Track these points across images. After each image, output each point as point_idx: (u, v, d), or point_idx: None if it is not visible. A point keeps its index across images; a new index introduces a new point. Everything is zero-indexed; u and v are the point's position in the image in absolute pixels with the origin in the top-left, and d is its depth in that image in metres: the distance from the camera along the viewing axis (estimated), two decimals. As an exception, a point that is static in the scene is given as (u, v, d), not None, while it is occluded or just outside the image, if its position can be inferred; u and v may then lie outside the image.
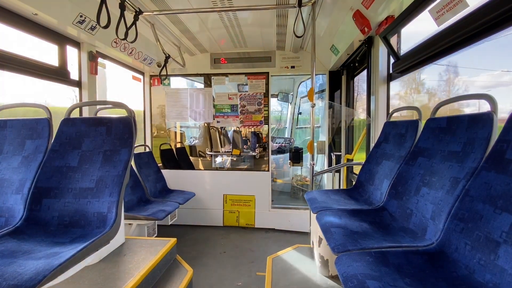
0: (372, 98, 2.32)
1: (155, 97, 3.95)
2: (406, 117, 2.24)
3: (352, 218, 1.43)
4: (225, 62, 3.77)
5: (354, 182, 2.07)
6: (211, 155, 4.45)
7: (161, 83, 3.88)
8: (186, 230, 3.55)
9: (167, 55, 3.25)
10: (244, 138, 4.43)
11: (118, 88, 3.53)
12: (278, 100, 5.86)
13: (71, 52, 2.49)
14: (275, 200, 4.19)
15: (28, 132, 1.68)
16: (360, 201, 1.80)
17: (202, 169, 4.48)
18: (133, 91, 3.79)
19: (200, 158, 4.64)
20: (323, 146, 3.68)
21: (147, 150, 3.58)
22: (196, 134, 4.87)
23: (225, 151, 4.47)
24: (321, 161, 4.21)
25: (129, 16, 2.13)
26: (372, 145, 2.28)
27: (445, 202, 1.10)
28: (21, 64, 1.99)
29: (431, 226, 1.13)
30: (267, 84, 3.70)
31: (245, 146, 4.38)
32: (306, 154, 4.77)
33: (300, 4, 2.13)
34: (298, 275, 1.79)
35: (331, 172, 3.57)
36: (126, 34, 2.05)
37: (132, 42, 2.31)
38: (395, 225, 1.34)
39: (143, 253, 1.67)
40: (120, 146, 1.59)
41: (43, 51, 2.27)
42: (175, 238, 1.93)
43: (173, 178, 3.68)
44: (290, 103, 6.03)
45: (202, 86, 3.93)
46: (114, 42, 2.67)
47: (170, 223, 2.94)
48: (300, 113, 5.97)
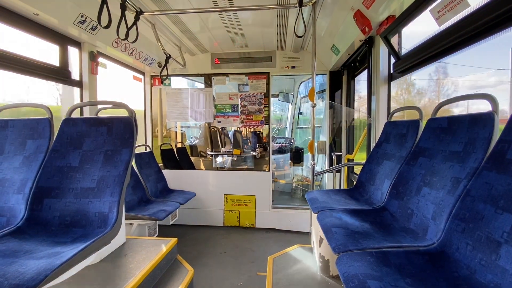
0: (373, 98, 2.32)
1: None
2: (406, 117, 2.23)
3: (353, 218, 1.43)
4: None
5: (354, 182, 2.07)
6: (212, 155, 4.46)
7: (161, 83, 3.88)
8: (187, 230, 3.55)
9: (168, 55, 3.25)
10: (244, 138, 4.43)
11: (119, 88, 3.54)
12: (278, 100, 5.86)
13: (72, 52, 2.49)
14: (276, 200, 4.19)
15: (29, 132, 1.69)
16: (361, 201, 1.79)
17: (203, 169, 4.48)
18: (134, 91, 3.80)
19: (201, 158, 4.64)
20: (324, 146, 3.67)
21: (148, 150, 3.59)
22: (196, 134, 4.88)
23: (225, 151, 4.47)
24: (321, 161, 4.21)
25: (129, 16, 2.14)
26: (373, 145, 2.28)
27: (446, 202, 1.09)
28: (22, 64, 1.99)
29: (432, 226, 1.13)
30: (268, 84, 3.70)
31: (245, 146, 4.38)
32: (307, 154, 4.77)
33: (300, 4, 2.12)
34: (298, 275, 1.79)
35: (332, 172, 3.57)
36: (127, 34, 2.05)
37: (133, 42, 2.32)
38: (396, 225, 1.34)
39: (144, 253, 1.67)
40: (121, 146, 1.59)
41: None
42: (176, 238, 1.93)
43: (173, 178, 3.68)
44: (291, 103, 6.02)
45: (202, 86, 3.94)
46: (115, 42, 2.68)
47: (170, 223, 2.94)
48: (300, 113, 5.97)
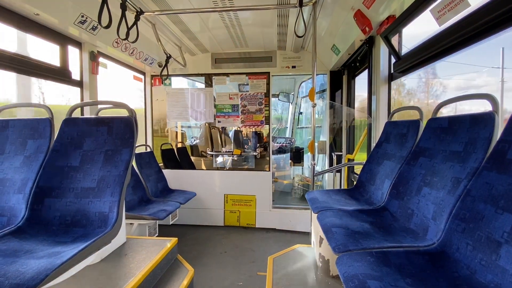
0: (373, 98, 2.32)
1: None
2: (406, 117, 2.23)
3: (353, 218, 1.43)
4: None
5: (355, 182, 2.07)
6: (212, 155, 4.46)
7: (162, 83, 3.89)
8: (187, 229, 3.56)
9: (168, 55, 3.25)
10: (245, 138, 4.43)
11: (119, 88, 3.54)
12: (279, 100, 5.85)
13: (72, 52, 2.49)
14: (276, 200, 4.19)
15: (29, 132, 1.69)
16: (361, 201, 1.79)
17: (203, 169, 4.48)
18: (134, 91, 3.80)
19: (201, 158, 4.64)
20: (324, 146, 3.67)
21: (148, 150, 3.59)
22: (197, 134, 4.88)
23: (226, 151, 4.47)
24: (322, 161, 4.21)
25: (130, 16, 2.14)
26: (373, 145, 2.28)
27: (446, 202, 1.09)
28: (22, 64, 2.00)
29: (432, 226, 1.13)
30: (268, 84, 3.70)
31: (246, 146, 4.38)
32: (307, 154, 4.77)
33: (301, 4, 2.12)
34: (299, 275, 1.79)
35: (332, 172, 3.57)
36: (127, 34, 2.05)
37: (133, 42, 2.32)
38: (396, 225, 1.34)
39: (144, 252, 1.67)
40: (121, 146, 1.59)
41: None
42: (176, 238, 1.93)
43: (174, 178, 3.68)
44: (291, 103, 6.02)
45: (203, 86, 3.94)
46: (115, 42, 2.68)
47: (171, 223, 2.94)
48: (301, 113, 5.96)
